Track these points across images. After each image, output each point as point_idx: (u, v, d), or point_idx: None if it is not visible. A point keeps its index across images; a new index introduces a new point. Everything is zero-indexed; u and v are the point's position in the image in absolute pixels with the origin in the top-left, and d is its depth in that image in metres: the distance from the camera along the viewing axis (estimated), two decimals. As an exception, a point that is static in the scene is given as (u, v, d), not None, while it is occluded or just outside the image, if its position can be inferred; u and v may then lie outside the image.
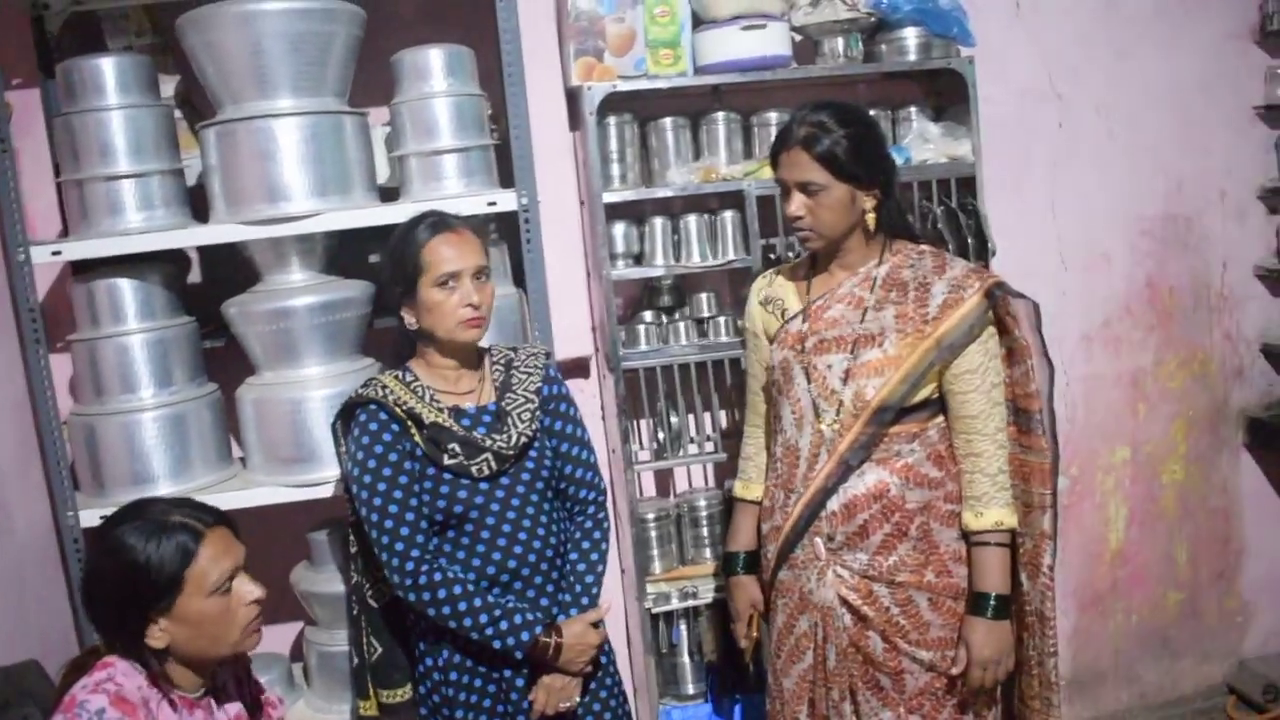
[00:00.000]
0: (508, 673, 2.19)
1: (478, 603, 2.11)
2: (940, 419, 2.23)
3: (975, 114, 2.99)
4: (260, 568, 1.89)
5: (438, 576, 2.11)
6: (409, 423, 2.15)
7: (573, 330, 3.03)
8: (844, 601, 2.20)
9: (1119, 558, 3.64)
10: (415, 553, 2.11)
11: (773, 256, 2.92)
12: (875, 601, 2.18)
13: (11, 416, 2.63)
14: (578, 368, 3.10)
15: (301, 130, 2.46)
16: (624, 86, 2.80)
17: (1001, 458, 2.19)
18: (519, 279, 2.76)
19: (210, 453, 2.62)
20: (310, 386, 2.54)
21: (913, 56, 2.97)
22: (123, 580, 1.73)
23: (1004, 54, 3.27)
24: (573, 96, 2.94)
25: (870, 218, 2.17)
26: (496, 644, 2.12)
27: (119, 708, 1.68)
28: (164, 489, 2.50)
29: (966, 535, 2.20)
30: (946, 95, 3.12)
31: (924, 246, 2.26)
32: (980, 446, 2.19)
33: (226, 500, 2.49)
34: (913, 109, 3.09)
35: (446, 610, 2.10)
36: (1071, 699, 3.62)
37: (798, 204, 2.15)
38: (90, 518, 2.48)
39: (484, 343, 2.29)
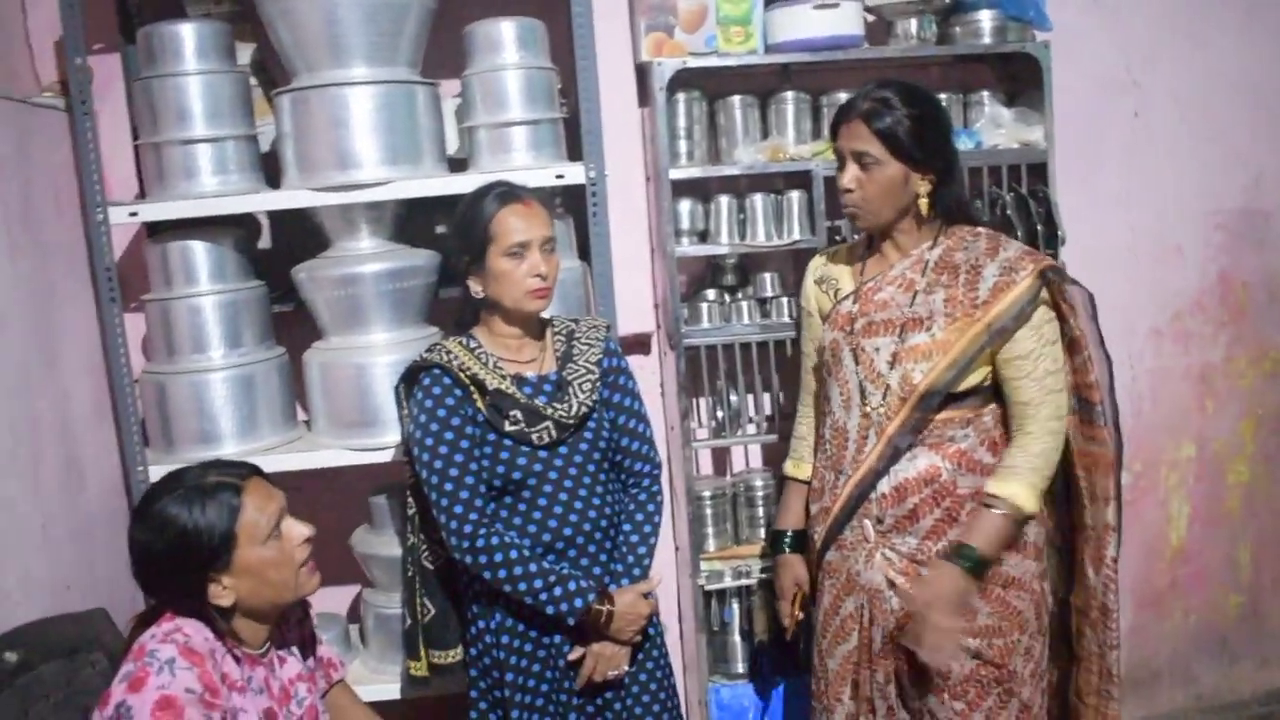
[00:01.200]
0: (558, 638, 2.22)
1: (533, 568, 2.14)
2: (995, 405, 2.20)
3: (1049, 100, 2.94)
4: (321, 529, 1.93)
5: (494, 540, 2.13)
6: (472, 388, 2.17)
7: (635, 306, 3.04)
8: (892, 584, 2.19)
9: (1180, 556, 3.58)
10: (473, 516, 2.14)
11: (838, 239, 2.90)
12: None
13: (86, 374, 2.70)
14: (638, 343, 3.10)
15: (374, 99, 2.49)
16: (694, 63, 2.79)
17: (1050, 445, 2.14)
18: (583, 253, 2.78)
19: (276, 414, 2.68)
20: (375, 352, 2.58)
21: (987, 40, 2.93)
22: (176, 549, 1.76)
23: (1080, 40, 3.21)
24: (642, 72, 2.94)
25: (923, 202, 2.15)
26: (549, 609, 2.14)
27: (188, 658, 1.72)
28: (230, 448, 2.55)
29: (981, 495, 2.14)
30: (1020, 80, 3.07)
31: (980, 229, 2.22)
32: (1030, 428, 2.14)
33: (291, 461, 2.56)
34: (985, 93, 3.05)
35: (502, 574, 2.13)
36: (1125, 697, 3.56)
37: (850, 176, 2.14)
38: (159, 473, 2.52)
39: (546, 314, 2.31)
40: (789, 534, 2.45)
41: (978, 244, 2.17)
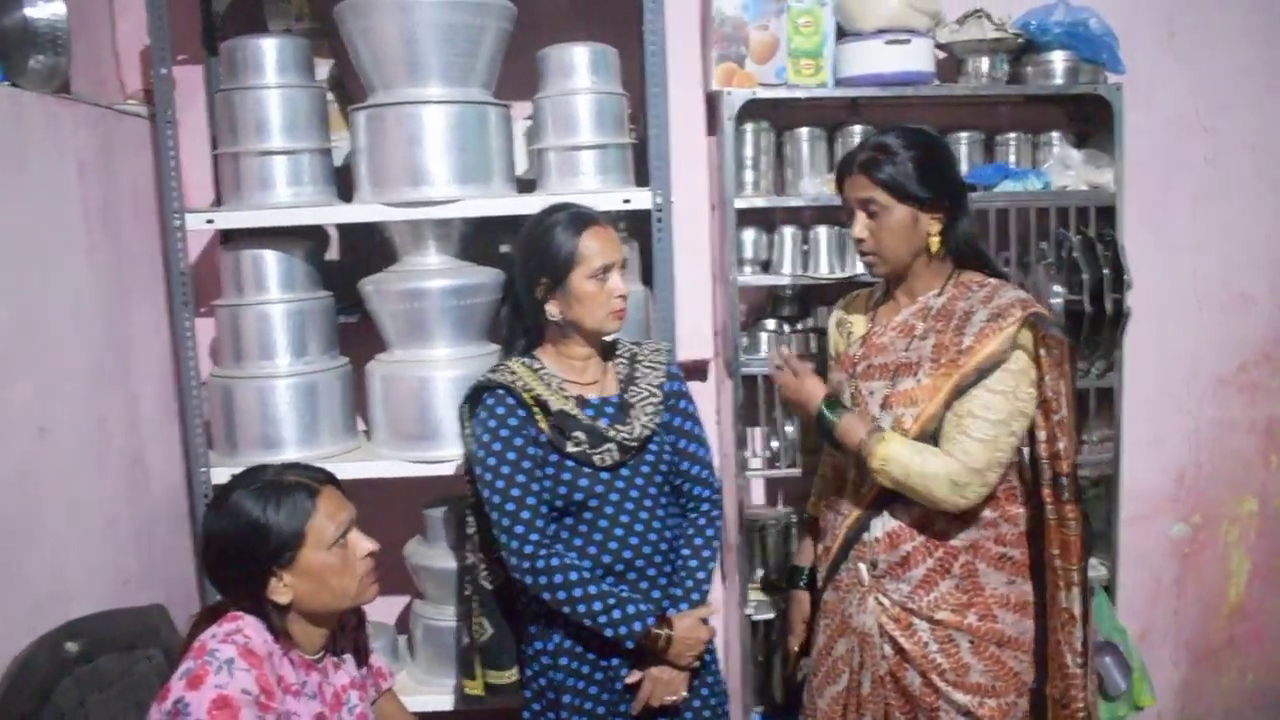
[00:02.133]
0: (615, 661, 2.21)
1: (592, 590, 2.14)
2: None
3: (1120, 142, 2.92)
4: (375, 538, 1.95)
5: (555, 561, 2.14)
6: (535, 409, 2.18)
7: (694, 333, 3.06)
8: (883, 631, 2.14)
9: (1238, 613, 3.51)
10: (534, 537, 2.14)
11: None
12: (914, 635, 2.12)
13: (155, 375, 2.76)
14: (696, 370, 3.11)
15: (448, 118, 2.53)
16: (764, 94, 2.81)
17: (941, 472, 2.00)
18: (646, 278, 2.80)
19: (337, 423, 2.72)
20: (438, 367, 2.61)
21: (1059, 80, 2.92)
22: (246, 540, 1.80)
23: (1152, 83, 3.19)
24: (712, 101, 2.96)
25: (934, 241, 2.12)
26: (609, 632, 2.14)
27: (247, 659, 1.75)
28: (291, 454, 2.59)
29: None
30: (1090, 122, 3.06)
31: (990, 280, 2.15)
32: (948, 447, 2.03)
33: (349, 470, 2.59)
34: (1054, 134, 3.04)
35: (561, 595, 2.13)
36: (1177, 752, 3.51)
37: (860, 225, 2.13)
38: (221, 475, 2.58)
39: (609, 336, 2.32)
40: (804, 570, 2.42)
41: (979, 293, 2.12)
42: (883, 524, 2.15)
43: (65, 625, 2.17)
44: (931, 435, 2.07)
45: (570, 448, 2.17)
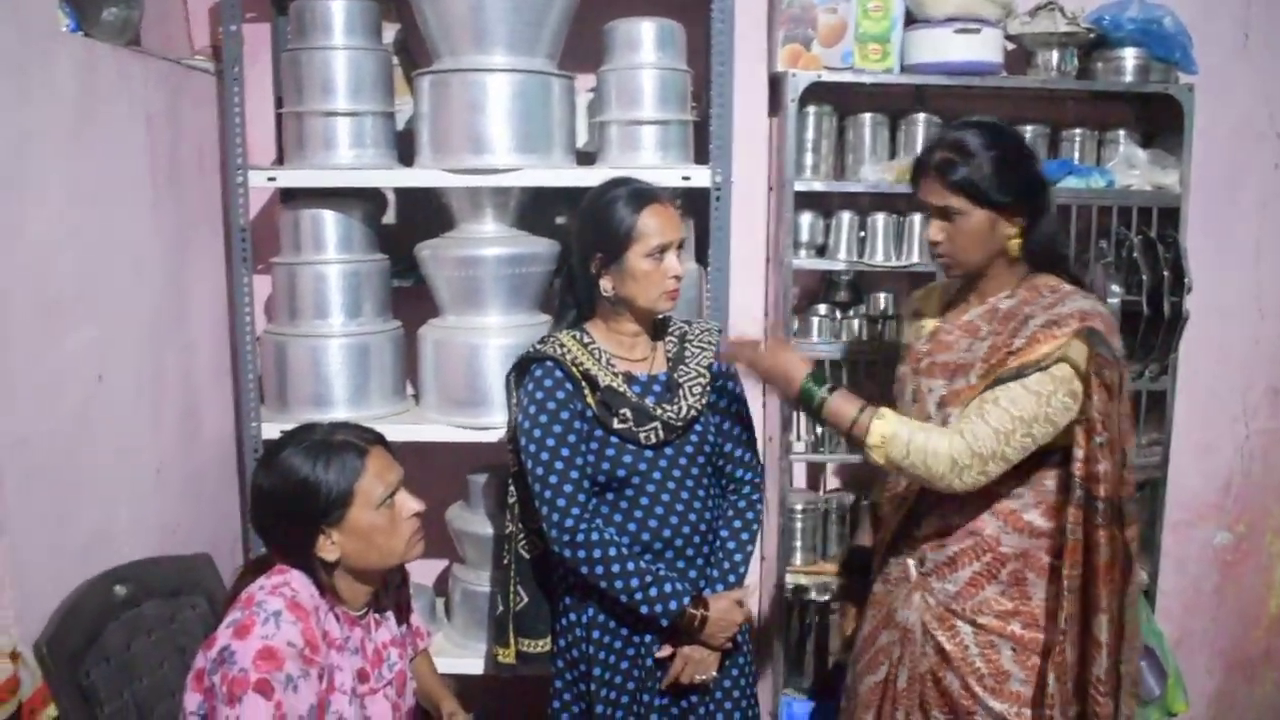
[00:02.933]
0: (648, 638, 2.22)
1: (630, 566, 2.14)
2: (1060, 470, 2.02)
3: (1189, 144, 2.88)
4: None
5: (595, 536, 2.14)
6: (583, 383, 2.19)
7: (746, 313, 3.05)
8: (925, 629, 2.11)
9: (1277, 625, 3.47)
10: (575, 510, 2.15)
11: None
12: (956, 636, 2.08)
13: (211, 329, 2.80)
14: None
15: (512, 87, 2.54)
16: (828, 77, 2.79)
17: (946, 458, 1.94)
18: (700, 256, 2.79)
19: (387, 385, 2.75)
20: (490, 334, 2.63)
21: (1129, 78, 2.88)
22: (296, 497, 1.82)
23: (1224, 85, 3.13)
24: (775, 82, 2.95)
25: (1013, 244, 2.03)
26: (644, 609, 2.15)
27: (293, 612, 1.78)
28: (341, 414, 2.61)
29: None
30: (1158, 122, 3.01)
31: (1065, 286, 2.05)
32: (960, 424, 1.97)
33: (397, 433, 2.60)
34: (1121, 132, 3.00)
35: (599, 570, 2.14)
36: (1207, 762, 3.48)
37: (936, 229, 2.05)
38: (271, 431, 2.62)
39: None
40: (862, 552, 2.40)
41: (1046, 299, 2.03)
42: (933, 522, 2.11)
43: (114, 569, 2.22)
44: None
45: (616, 424, 2.17)
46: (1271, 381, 3.34)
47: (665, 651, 2.22)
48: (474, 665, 2.74)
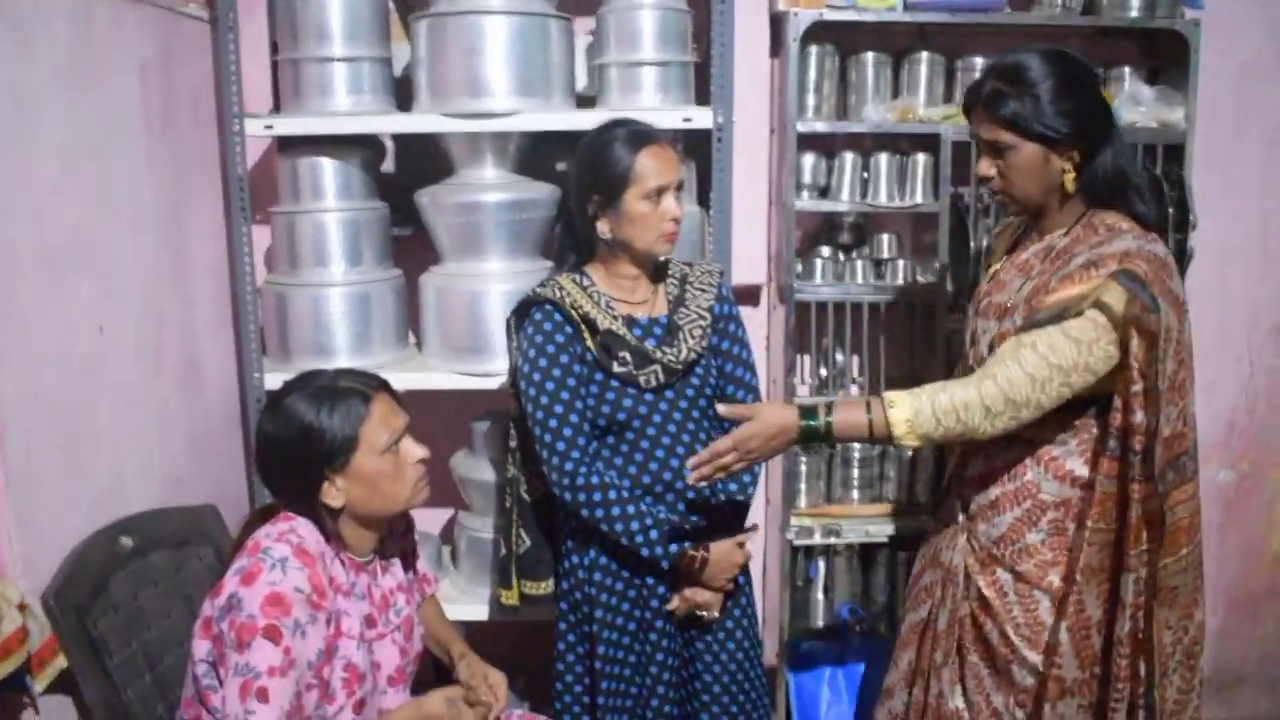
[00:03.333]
0: (650, 580, 2.24)
1: (630, 509, 2.15)
2: (1107, 417, 1.93)
3: (1194, 80, 2.85)
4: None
5: (595, 480, 2.15)
6: (582, 326, 2.18)
7: (749, 256, 3.02)
8: (968, 572, 2.09)
9: (1279, 562, 3.49)
10: (575, 454, 2.15)
11: (963, 206, 2.85)
12: (996, 583, 2.05)
13: (211, 280, 2.79)
14: (749, 295, 3.09)
15: (509, 29, 2.50)
16: (831, 16, 2.75)
17: (974, 398, 1.88)
18: (702, 199, 2.77)
19: (389, 333, 2.74)
20: (491, 280, 2.62)
21: (1135, 13, 2.84)
22: (301, 443, 1.83)
23: (1231, 21, 3.08)
24: (777, 22, 2.90)
25: (1069, 179, 1.95)
26: (644, 551, 2.16)
27: (300, 558, 1.78)
28: (343, 362, 2.60)
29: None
30: (1164, 58, 2.97)
31: (1123, 225, 1.94)
32: (980, 372, 1.92)
33: (400, 380, 2.57)
34: (1126, 69, 2.96)
35: (600, 513, 2.15)
36: (1207, 698, 3.49)
37: (986, 164, 1.99)
38: (274, 381, 2.61)
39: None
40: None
41: (1100, 236, 1.93)
42: (979, 463, 2.08)
43: (121, 521, 2.22)
44: None
45: (615, 368, 2.17)
46: (1276, 320, 3.32)
47: (674, 605, 2.23)
48: (480, 611, 2.76)
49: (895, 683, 2.27)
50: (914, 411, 1.90)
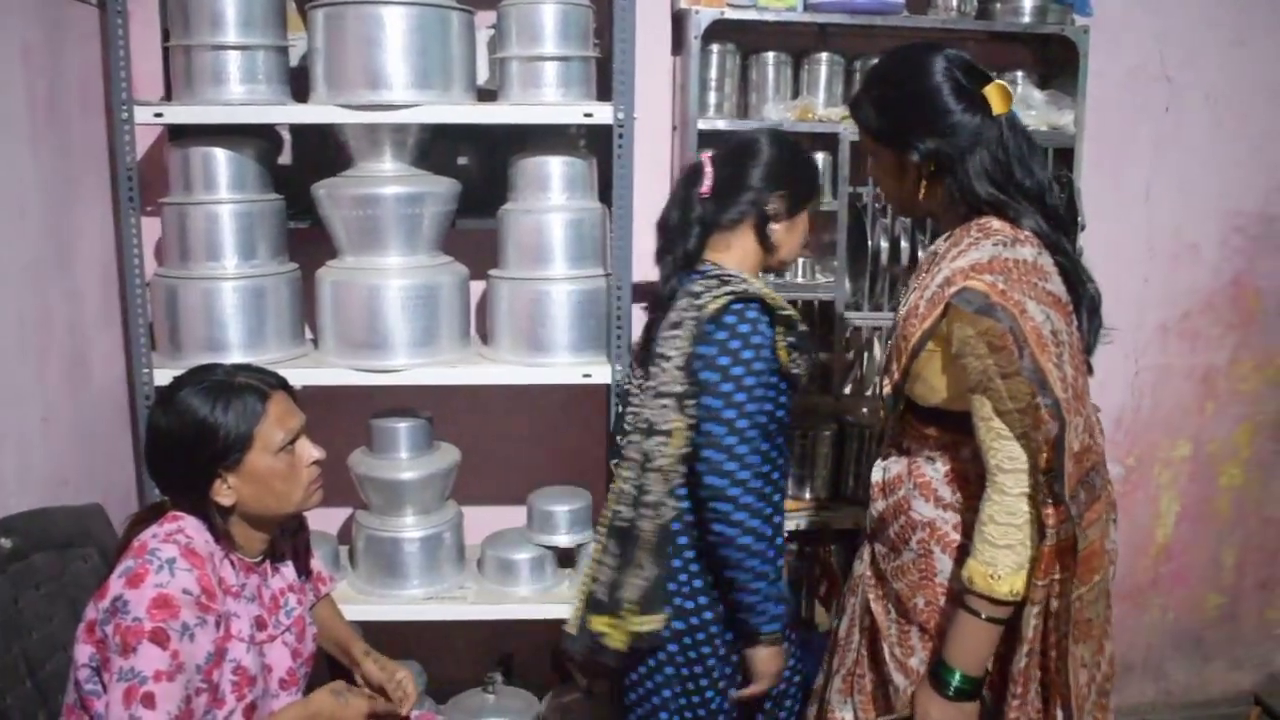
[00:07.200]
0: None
1: (770, 568, 2.06)
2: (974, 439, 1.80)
3: (1083, 85, 2.93)
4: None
5: (768, 530, 2.04)
6: (779, 328, 2.04)
7: (649, 254, 3.02)
8: (865, 583, 2.02)
9: (1164, 553, 3.61)
10: (756, 484, 2.00)
11: (860, 205, 2.89)
12: (882, 600, 1.96)
13: (98, 273, 2.70)
14: (649, 293, 3.09)
15: (408, 20, 2.47)
16: (732, 15, 2.77)
17: (996, 508, 1.71)
18: (603, 195, 2.77)
19: (284, 329, 2.68)
20: (389, 275, 2.58)
21: (1027, 19, 2.91)
22: (193, 439, 1.78)
23: (1119, 28, 3.18)
24: (679, 19, 2.92)
25: (922, 186, 1.83)
26: (755, 616, 2.06)
27: (188, 559, 1.74)
28: (237, 358, 2.54)
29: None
30: (1055, 63, 3.06)
31: (995, 225, 1.79)
32: (986, 484, 1.76)
33: (296, 377, 2.51)
34: (1019, 73, 3.04)
35: (753, 563, 2.01)
36: (1096, 686, 3.61)
37: (870, 167, 1.96)
38: (164, 377, 2.51)
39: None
40: None
41: (961, 246, 1.78)
42: (878, 475, 1.99)
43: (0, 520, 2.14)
44: (897, 393, 1.87)
45: (793, 369, 2.06)
46: (1161, 319, 3.44)
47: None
48: (379, 612, 2.72)
49: (819, 686, 2.22)
50: (989, 560, 1.71)
